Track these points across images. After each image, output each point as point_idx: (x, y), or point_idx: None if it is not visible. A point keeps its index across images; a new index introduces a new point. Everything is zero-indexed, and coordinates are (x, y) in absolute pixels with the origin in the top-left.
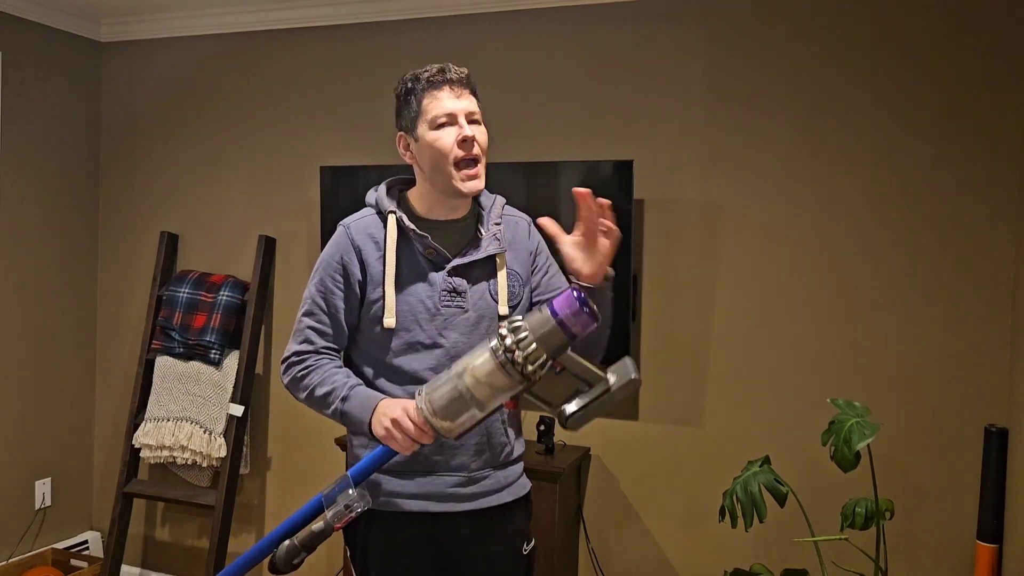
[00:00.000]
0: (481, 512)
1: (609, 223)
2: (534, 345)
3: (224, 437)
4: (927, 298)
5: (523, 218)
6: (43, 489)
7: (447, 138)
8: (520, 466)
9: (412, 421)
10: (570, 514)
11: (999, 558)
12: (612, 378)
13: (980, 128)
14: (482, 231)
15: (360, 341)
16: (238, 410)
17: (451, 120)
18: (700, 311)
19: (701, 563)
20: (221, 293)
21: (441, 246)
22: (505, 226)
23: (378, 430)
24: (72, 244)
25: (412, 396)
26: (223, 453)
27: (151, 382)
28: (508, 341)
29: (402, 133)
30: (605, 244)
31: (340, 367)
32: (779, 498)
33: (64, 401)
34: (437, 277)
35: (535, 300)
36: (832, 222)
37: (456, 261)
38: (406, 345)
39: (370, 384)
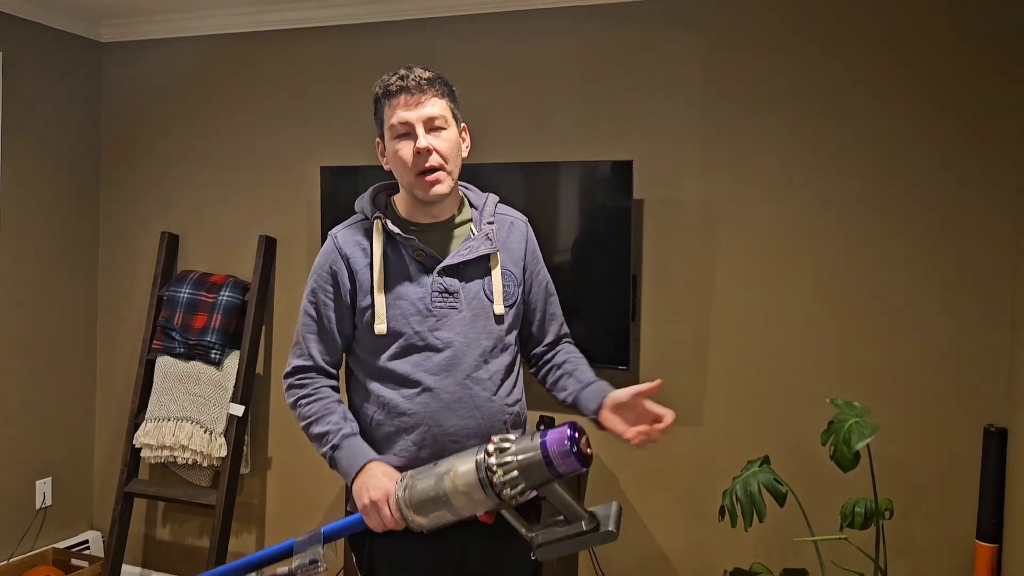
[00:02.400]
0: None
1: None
2: (515, 472)
3: (224, 437)
4: (927, 298)
5: (518, 218)
6: (44, 489)
7: (405, 150)
8: None
9: (390, 509)
10: None
11: (999, 558)
12: (592, 522)
13: (980, 127)
14: (474, 231)
15: (355, 347)
16: (238, 410)
17: (408, 130)
18: (700, 311)
19: (701, 563)
20: (221, 293)
21: (431, 247)
22: (498, 225)
23: (357, 499)
24: (72, 244)
25: (405, 399)
26: (223, 453)
27: (152, 382)
28: (492, 460)
29: (379, 139)
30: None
31: (339, 401)
32: (779, 498)
33: (65, 401)
34: (427, 279)
35: (527, 307)
36: (832, 222)
37: (446, 262)
38: (400, 348)
39: (362, 387)
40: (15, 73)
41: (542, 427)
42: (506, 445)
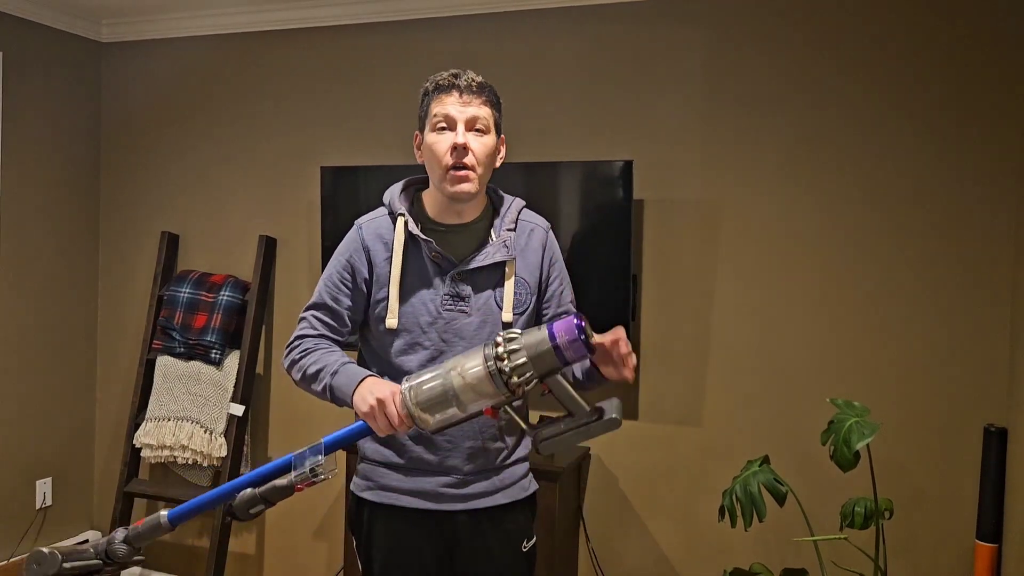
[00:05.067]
0: (477, 511)
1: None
2: (524, 359)
3: (225, 437)
4: (927, 297)
5: (540, 225)
6: (44, 488)
7: (442, 143)
8: (522, 467)
9: (396, 407)
10: (570, 513)
11: (998, 558)
12: (595, 413)
13: (980, 127)
14: (492, 236)
15: (368, 338)
16: (239, 410)
17: (450, 125)
18: (700, 311)
19: (701, 563)
20: (222, 293)
21: (449, 250)
22: (519, 232)
23: (360, 405)
24: (73, 244)
25: None
26: (224, 453)
27: (152, 382)
28: (500, 350)
29: (417, 132)
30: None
31: (337, 350)
32: (779, 498)
33: (65, 401)
34: (441, 281)
35: (544, 311)
36: (832, 221)
37: (461, 267)
38: (407, 346)
39: None
40: (15, 73)
41: (541, 419)
42: (514, 335)
